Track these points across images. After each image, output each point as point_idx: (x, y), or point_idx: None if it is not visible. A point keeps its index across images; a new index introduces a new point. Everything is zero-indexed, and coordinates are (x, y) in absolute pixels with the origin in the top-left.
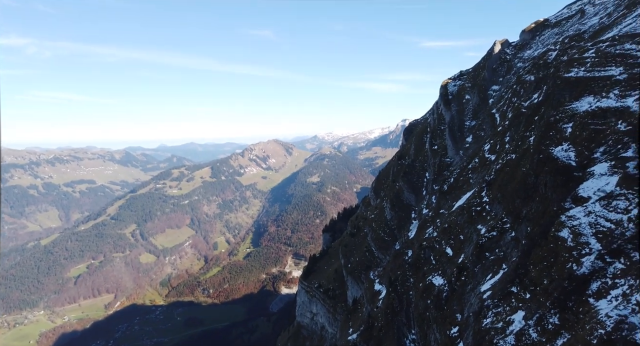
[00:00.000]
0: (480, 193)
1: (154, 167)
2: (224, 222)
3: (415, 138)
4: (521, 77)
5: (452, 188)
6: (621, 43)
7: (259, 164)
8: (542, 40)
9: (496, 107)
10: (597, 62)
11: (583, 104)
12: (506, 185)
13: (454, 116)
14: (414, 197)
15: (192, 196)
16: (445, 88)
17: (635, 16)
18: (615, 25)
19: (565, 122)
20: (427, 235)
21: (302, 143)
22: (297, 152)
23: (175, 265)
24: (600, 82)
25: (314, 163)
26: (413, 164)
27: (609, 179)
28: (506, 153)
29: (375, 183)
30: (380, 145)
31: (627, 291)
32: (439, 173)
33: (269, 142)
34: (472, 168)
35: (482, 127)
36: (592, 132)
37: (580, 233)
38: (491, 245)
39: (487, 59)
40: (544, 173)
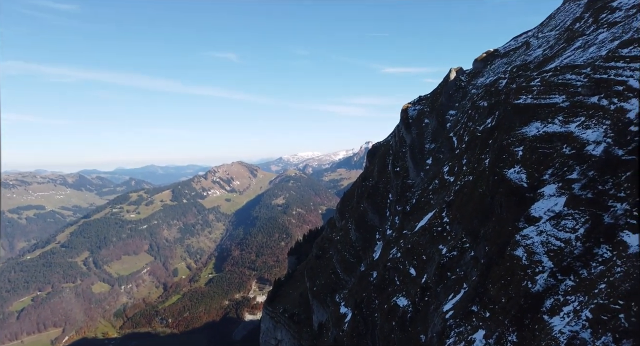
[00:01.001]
0: (440, 213)
1: (111, 190)
2: (185, 246)
3: (378, 160)
4: (475, 102)
5: (414, 209)
6: (563, 73)
7: (223, 186)
8: (493, 69)
9: (453, 131)
10: (542, 90)
11: (532, 129)
12: (465, 205)
13: (414, 139)
14: (378, 218)
15: (152, 220)
16: (406, 112)
17: (573, 49)
18: (557, 57)
19: (516, 146)
20: (392, 255)
21: (267, 165)
22: (262, 174)
23: (131, 294)
24: (546, 109)
25: (279, 185)
26: (377, 186)
27: (557, 200)
28: (464, 175)
29: (340, 204)
30: (345, 166)
31: (577, 307)
32: (401, 195)
33: (233, 164)
34: (432, 190)
35: (441, 149)
36: (540, 155)
37: (533, 252)
38: (452, 265)
39: (444, 85)
40: (499, 194)
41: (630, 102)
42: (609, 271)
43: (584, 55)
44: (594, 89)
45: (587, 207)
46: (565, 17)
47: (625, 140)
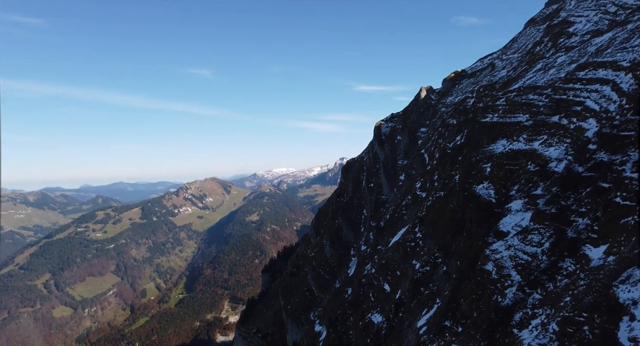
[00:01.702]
0: (413, 229)
1: (76, 209)
2: (155, 266)
3: (352, 176)
4: (445, 120)
5: (388, 224)
6: (526, 93)
7: (195, 203)
8: (461, 89)
9: (425, 148)
10: (507, 109)
11: (498, 146)
12: (436, 221)
13: (387, 155)
14: (352, 233)
15: (119, 239)
16: (379, 129)
17: (535, 71)
18: (520, 78)
19: (484, 162)
20: (366, 271)
21: (241, 181)
22: (236, 190)
23: (95, 318)
24: (511, 127)
25: (253, 201)
26: (351, 201)
27: (524, 215)
28: (435, 191)
29: (315, 220)
30: (320, 182)
31: (545, 320)
32: (375, 210)
33: (206, 181)
34: (405, 205)
35: (413, 165)
36: (507, 171)
37: (503, 266)
38: (425, 280)
39: (415, 104)
40: (469, 209)
41: (588, 122)
42: (573, 284)
43: (545, 77)
44: (554, 109)
45: (552, 221)
46: (526, 40)
47: (584, 157)
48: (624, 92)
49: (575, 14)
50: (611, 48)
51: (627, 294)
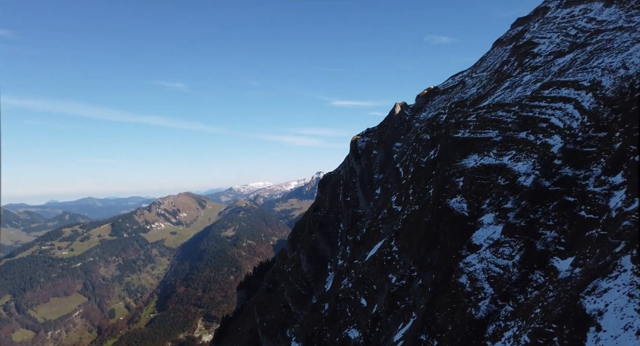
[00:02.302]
0: (389, 242)
1: (40, 226)
2: (125, 285)
3: (329, 190)
4: (419, 135)
5: (364, 238)
6: (495, 110)
7: (168, 219)
8: (434, 105)
9: (400, 162)
10: (478, 125)
11: (470, 161)
12: (412, 234)
13: (363, 170)
14: (329, 248)
15: (87, 257)
16: (355, 144)
17: (503, 89)
18: (489, 95)
19: (457, 177)
20: (343, 286)
21: (216, 195)
22: (211, 205)
23: (59, 341)
24: (482, 143)
25: (228, 216)
26: (328, 216)
27: (495, 228)
28: (411, 205)
29: (292, 235)
30: (297, 197)
31: (517, 332)
32: (352, 224)
33: (180, 195)
34: (382, 219)
35: (389, 180)
36: (479, 185)
37: (476, 279)
38: (401, 294)
39: (390, 119)
40: (443, 222)
41: (553, 138)
42: (542, 296)
43: (512, 95)
44: (522, 125)
45: (521, 234)
46: (494, 60)
47: (550, 172)
48: (586, 110)
49: (539, 35)
50: (573, 68)
51: (593, 305)
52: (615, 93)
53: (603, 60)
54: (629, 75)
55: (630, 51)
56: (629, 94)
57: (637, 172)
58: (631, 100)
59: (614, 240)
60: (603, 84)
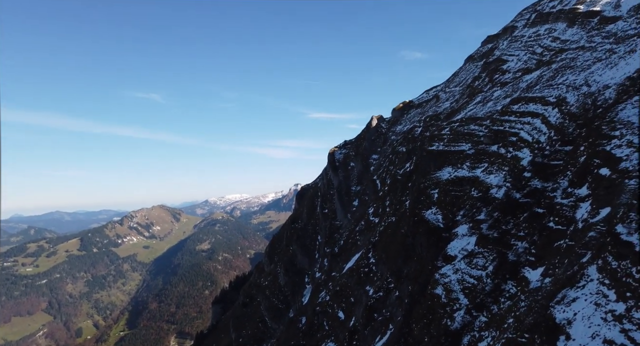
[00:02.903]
0: (367, 254)
1: (4, 242)
2: (93, 302)
3: (307, 202)
4: (395, 148)
5: (342, 250)
6: (467, 124)
7: (141, 232)
8: (409, 118)
9: (377, 174)
10: (452, 138)
11: (444, 173)
12: (389, 246)
13: (341, 181)
14: (307, 260)
15: (53, 274)
16: (333, 156)
17: (475, 103)
18: (462, 110)
19: (432, 189)
20: (320, 299)
21: (192, 208)
22: (186, 218)
23: None
24: (456, 155)
25: (204, 229)
26: (306, 228)
27: (469, 239)
28: (387, 216)
29: (269, 248)
30: (274, 209)
31: (491, 343)
32: (330, 236)
33: (154, 208)
34: (359, 231)
35: (366, 191)
36: (453, 197)
37: (451, 290)
38: (379, 306)
39: (367, 131)
40: (419, 234)
41: (522, 151)
42: (515, 306)
43: (484, 109)
44: (493, 139)
45: (494, 245)
46: (466, 75)
47: (521, 184)
48: (552, 125)
49: (508, 53)
50: (539, 85)
51: (563, 314)
52: (580, 109)
53: (567, 77)
54: (592, 92)
55: (592, 69)
56: (592, 110)
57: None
58: (594, 116)
59: (581, 250)
60: (568, 100)
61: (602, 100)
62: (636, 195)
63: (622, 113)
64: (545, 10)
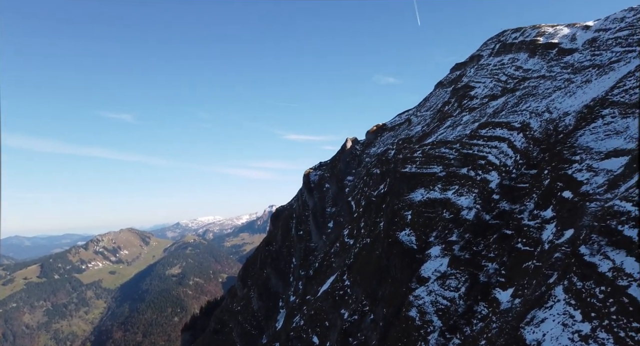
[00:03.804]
0: (342, 276)
1: None
2: (52, 332)
3: (282, 223)
4: (370, 170)
5: (317, 273)
6: (438, 147)
7: (107, 257)
8: (383, 141)
9: (352, 196)
10: (424, 161)
11: (417, 195)
12: (363, 268)
13: (316, 203)
14: (281, 283)
15: (8, 303)
16: (308, 177)
17: (445, 127)
18: (433, 133)
19: (405, 210)
20: (295, 324)
21: (162, 231)
22: (156, 241)
23: None
24: (428, 177)
25: (175, 253)
26: (280, 250)
27: (442, 260)
28: (362, 238)
29: (243, 271)
30: (248, 231)
31: None
32: (305, 259)
33: (122, 232)
34: (334, 253)
35: (341, 213)
36: (426, 219)
37: (425, 312)
38: (354, 330)
39: (342, 153)
40: (393, 255)
41: (491, 174)
42: (487, 327)
43: (454, 133)
44: (463, 162)
45: (466, 266)
46: (437, 100)
47: (490, 206)
48: (518, 149)
49: (475, 80)
50: (505, 111)
51: (533, 335)
52: (543, 134)
53: (530, 104)
54: (553, 118)
55: (552, 97)
56: (554, 135)
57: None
58: (556, 141)
59: (548, 271)
60: (532, 126)
61: (563, 126)
62: (597, 217)
63: (581, 139)
64: (508, 41)
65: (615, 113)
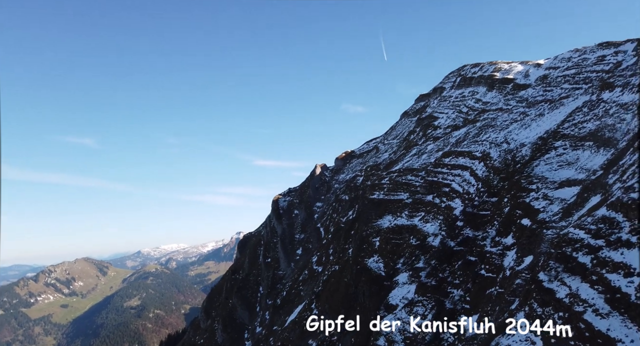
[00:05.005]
0: (310, 305)
1: None
2: None
3: (249, 251)
4: (339, 196)
5: (285, 302)
6: (405, 175)
7: (60, 289)
8: (352, 167)
9: (320, 222)
10: (391, 187)
11: (385, 221)
12: (332, 296)
13: (285, 229)
14: (247, 314)
15: None
16: (277, 203)
17: (411, 155)
18: (399, 161)
19: (374, 237)
20: None
21: (122, 260)
22: (114, 271)
23: None
24: (395, 204)
25: (134, 283)
26: (247, 278)
27: (409, 287)
28: (331, 265)
29: (207, 302)
30: (214, 259)
31: None
32: (272, 287)
33: (77, 262)
34: (302, 281)
35: (310, 239)
36: (394, 245)
37: (393, 341)
38: None
39: (311, 179)
40: (362, 283)
41: (455, 202)
42: None
43: (419, 161)
44: (428, 189)
45: (433, 293)
46: (403, 129)
47: (454, 233)
48: (480, 177)
49: (438, 110)
50: (467, 140)
51: None
52: (502, 164)
53: (490, 135)
54: (511, 149)
55: (509, 129)
56: (512, 165)
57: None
58: (514, 171)
59: (510, 297)
60: (492, 155)
61: (520, 156)
62: (554, 244)
63: (537, 169)
64: (468, 75)
65: (567, 145)
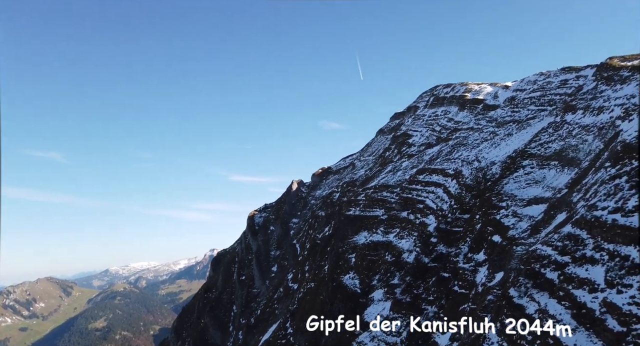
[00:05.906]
0: (285, 324)
1: None
2: None
3: (223, 268)
4: (315, 212)
5: (258, 321)
6: (380, 191)
7: (19, 311)
8: (328, 183)
9: (296, 238)
10: (367, 204)
11: (361, 238)
12: (307, 314)
13: (260, 246)
14: (220, 334)
15: None
16: (252, 219)
17: (386, 172)
18: (375, 177)
19: (350, 253)
20: None
21: (88, 279)
22: (79, 292)
23: None
24: (371, 220)
25: (100, 303)
26: (220, 297)
27: (384, 304)
28: (307, 282)
29: (178, 321)
30: (186, 277)
31: None
32: (246, 306)
33: (39, 281)
34: (277, 298)
35: (286, 256)
36: (369, 261)
37: None
38: None
39: (287, 195)
40: (337, 300)
41: (429, 218)
42: None
43: (394, 178)
44: (403, 206)
45: (407, 310)
46: (378, 146)
47: (428, 249)
48: (452, 194)
49: (412, 128)
50: (440, 158)
51: None
52: (473, 181)
53: (462, 153)
54: (482, 167)
55: (480, 147)
56: (483, 183)
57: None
58: (485, 188)
59: (482, 313)
60: (464, 173)
61: (491, 174)
62: (523, 261)
63: (506, 187)
64: (440, 95)
65: (534, 164)
